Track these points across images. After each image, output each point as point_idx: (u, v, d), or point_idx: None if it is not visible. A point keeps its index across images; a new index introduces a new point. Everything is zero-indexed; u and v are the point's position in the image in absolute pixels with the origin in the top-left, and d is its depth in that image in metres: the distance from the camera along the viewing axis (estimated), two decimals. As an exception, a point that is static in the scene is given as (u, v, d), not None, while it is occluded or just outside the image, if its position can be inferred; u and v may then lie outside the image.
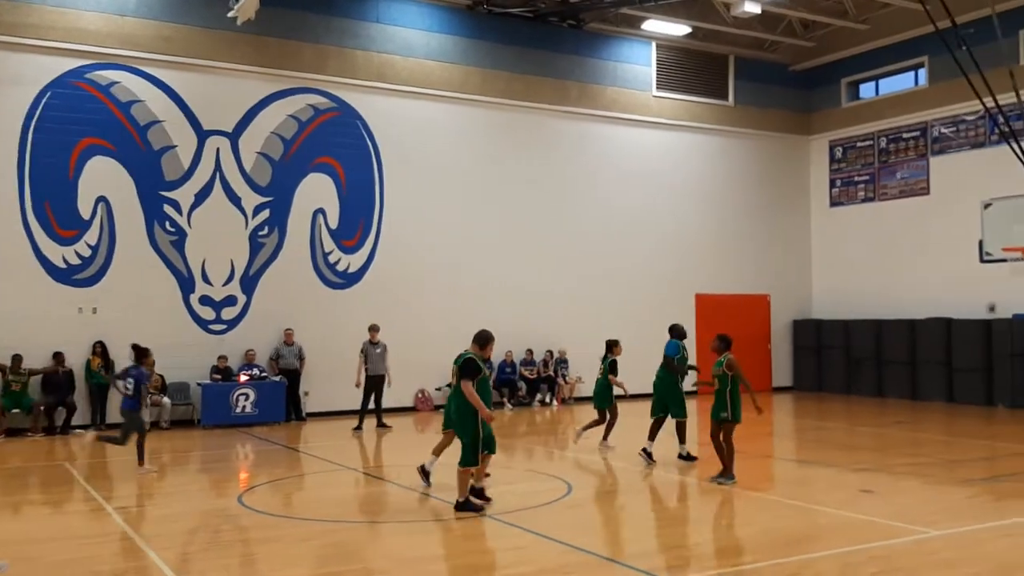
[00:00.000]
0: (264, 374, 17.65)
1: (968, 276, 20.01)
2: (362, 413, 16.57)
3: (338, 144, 19.01)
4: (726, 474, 10.79)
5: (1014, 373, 19.48)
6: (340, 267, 18.99)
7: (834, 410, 19.88)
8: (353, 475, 11.95)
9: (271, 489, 10.99)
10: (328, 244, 18.88)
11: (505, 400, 19.98)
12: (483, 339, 9.76)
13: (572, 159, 21.78)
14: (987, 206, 16.56)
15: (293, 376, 17.82)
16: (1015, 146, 16.54)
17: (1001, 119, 17.23)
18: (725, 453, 10.83)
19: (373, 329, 16.79)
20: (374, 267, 19.24)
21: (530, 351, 20.71)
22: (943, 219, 21.46)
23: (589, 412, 19.50)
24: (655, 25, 21.97)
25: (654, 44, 22.94)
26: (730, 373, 10.71)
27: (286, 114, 18.54)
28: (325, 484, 11.49)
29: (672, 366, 12.47)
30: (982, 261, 16.74)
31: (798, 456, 14.23)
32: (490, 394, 9.61)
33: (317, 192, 18.82)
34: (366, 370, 16.45)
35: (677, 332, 13.06)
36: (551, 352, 20.95)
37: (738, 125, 24.26)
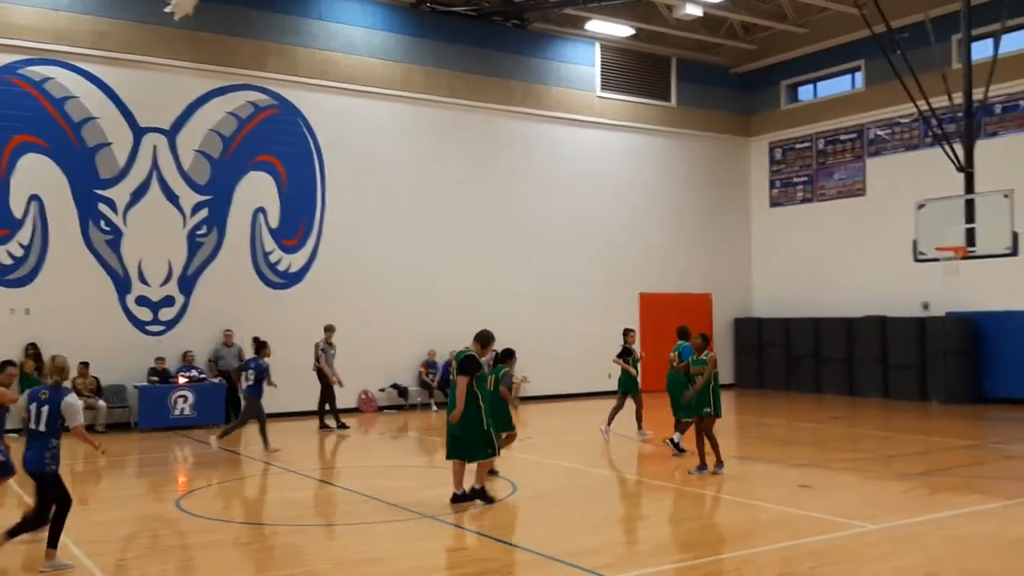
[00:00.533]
0: (203, 376, 17.33)
1: (903, 275, 20.48)
2: (335, 412, 16.58)
3: (279, 142, 18.74)
4: (711, 464, 11.21)
5: (947, 369, 20.00)
6: (281, 267, 18.72)
7: (774, 407, 20.19)
8: (294, 477, 11.78)
9: (210, 493, 10.79)
10: (269, 244, 18.60)
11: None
12: (485, 339, 9.88)
13: (517, 159, 21.80)
14: (921, 207, 16.93)
15: (232, 378, 17.51)
16: (947, 148, 16.98)
17: (934, 122, 17.66)
18: (709, 446, 11.21)
19: (330, 330, 16.65)
20: (316, 267, 19.02)
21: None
22: (879, 219, 21.95)
23: (537, 411, 19.59)
24: (598, 26, 22.09)
25: (598, 45, 23.07)
26: (713, 370, 11.11)
27: (225, 111, 18.22)
28: (266, 487, 11.31)
29: (688, 369, 12.14)
30: (916, 261, 17.10)
31: (739, 452, 14.38)
32: (488, 392, 9.73)
33: (257, 191, 18.53)
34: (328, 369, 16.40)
35: (686, 334, 13.24)
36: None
37: (681, 126, 24.52)
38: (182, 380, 16.88)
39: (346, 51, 19.54)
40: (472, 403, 9.38)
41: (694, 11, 20.59)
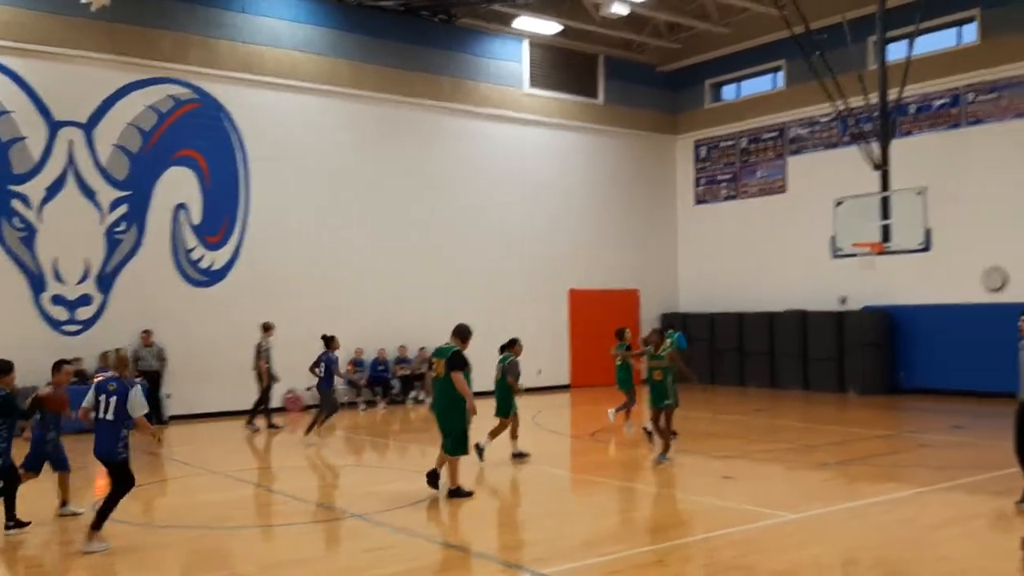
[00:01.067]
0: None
1: (822, 270, 21.04)
2: (261, 412, 16.26)
3: (201, 136, 18.32)
4: (666, 452, 11.68)
5: (864, 361, 20.62)
6: (203, 264, 18.32)
7: (699, 400, 20.52)
8: (218, 479, 11.55)
9: (131, 496, 10.48)
10: (191, 240, 18.18)
11: (378, 398, 19.74)
12: (465, 333, 10.03)
13: (446, 154, 21.72)
14: (838, 204, 17.41)
15: (153, 378, 17.04)
16: (864, 147, 17.50)
17: (852, 121, 18.18)
18: (667, 435, 11.73)
19: (270, 328, 16.33)
20: (240, 264, 18.65)
21: (403, 347, 20.52)
22: (799, 216, 22.50)
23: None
24: (526, 23, 22.15)
25: (526, 41, 23.13)
26: (671, 364, 11.74)
27: (144, 105, 17.74)
28: (189, 489, 11.06)
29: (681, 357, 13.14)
30: (834, 256, 17.61)
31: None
32: (471, 386, 9.88)
33: (179, 186, 18.09)
34: (268, 369, 16.08)
35: (671, 326, 13.78)
36: (424, 348, 20.79)
37: (608, 123, 24.75)
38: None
39: (271, 44, 19.21)
40: (458, 400, 9.54)
41: (620, 10, 20.79)
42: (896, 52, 18.94)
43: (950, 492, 9.90)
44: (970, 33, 20.01)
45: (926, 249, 16.24)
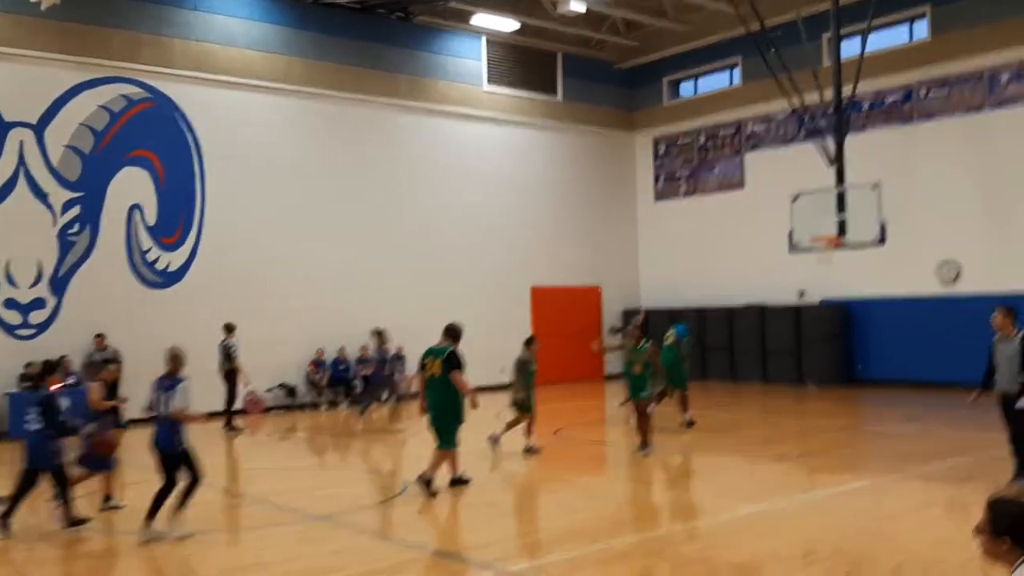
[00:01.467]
0: (78, 381, 16.53)
1: (780, 265, 21.26)
2: (229, 414, 16.15)
3: (155, 136, 18.03)
4: (644, 443, 11.99)
5: (821, 354, 20.90)
6: (159, 266, 18.04)
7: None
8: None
9: (87, 503, 10.31)
10: (146, 242, 17.90)
11: (341, 399, 19.59)
12: (457, 333, 10.34)
13: (405, 152, 21.61)
14: (795, 199, 17.63)
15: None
16: (819, 143, 17.73)
17: (807, 117, 18.41)
18: (646, 426, 12.08)
19: (233, 328, 16.16)
20: (197, 265, 18.40)
21: (365, 347, 20.37)
22: (757, 212, 22.73)
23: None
24: (484, 20, 22.11)
25: (484, 39, 23.09)
26: (651, 359, 12.26)
27: (97, 105, 17.41)
28: (147, 495, 10.86)
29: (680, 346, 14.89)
30: (792, 251, 17.83)
31: (627, 440, 14.67)
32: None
33: (133, 187, 17.79)
34: (233, 369, 15.87)
35: (679, 320, 16.09)
36: (386, 347, 20.64)
37: (567, 121, 24.81)
38: (55, 386, 16.04)
39: (224, 43, 18.96)
40: (455, 397, 9.81)
41: (577, 7, 20.83)
42: (850, 49, 19.19)
43: (906, 482, 10.07)
44: (921, 30, 20.35)
45: (881, 243, 16.50)
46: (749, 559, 7.25)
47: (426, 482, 9.63)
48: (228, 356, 15.98)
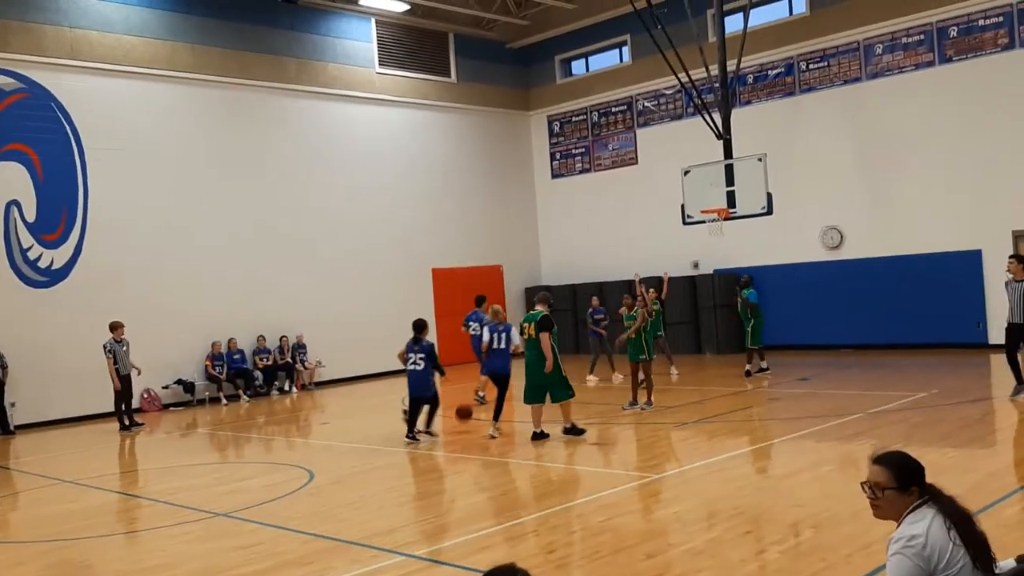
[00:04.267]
0: (-41, 388, 15.74)
1: (674, 237, 21.78)
2: (120, 414, 15.58)
3: (31, 129, 17.20)
4: (648, 401, 13.38)
5: (718, 323, 21.53)
6: (42, 263, 17.27)
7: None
8: (73, 488, 10.98)
9: (-27, 515, 9.86)
10: (26, 239, 17.10)
11: (241, 391, 19.19)
12: (549, 299, 11.88)
13: (296, 138, 21.20)
14: (686, 173, 18.04)
15: (-7, 387, 16.04)
16: (707, 117, 18.15)
17: (695, 92, 18.81)
18: (646, 385, 13.36)
19: (118, 327, 15.53)
20: (83, 261, 17.69)
21: (262, 338, 19.99)
22: (650, 186, 23.19)
23: (333, 395, 19.28)
24: (373, 1, 21.80)
25: (374, 20, 22.78)
26: (643, 324, 13.27)
27: (-36, 96, 16.52)
28: (41, 501, 10.46)
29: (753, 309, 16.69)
30: (685, 223, 18.27)
31: (530, 417, 14.83)
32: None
33: (9, 183, 16.96)
34: (116, 370, 15.26)
35: (749, 283, 17.29)
36: (286, 337, 20.34)
37: (462, 102, 24.74)
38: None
39: (101, 29, 18.18)
40: (553, 354, 11.16)
41: (467, -14, 20.75)
42: (733, 25, 19.68)
43: (800, 441, 10.48)
44: (800, 5, 21.02)
45: (768, 213, 17.05)
46: (655, 525, 7.45)
47: (571, 430, 11.38)
48: (116, 355, 15.43)
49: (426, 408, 12.34)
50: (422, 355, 12.02)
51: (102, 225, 17.91)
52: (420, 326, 12.32)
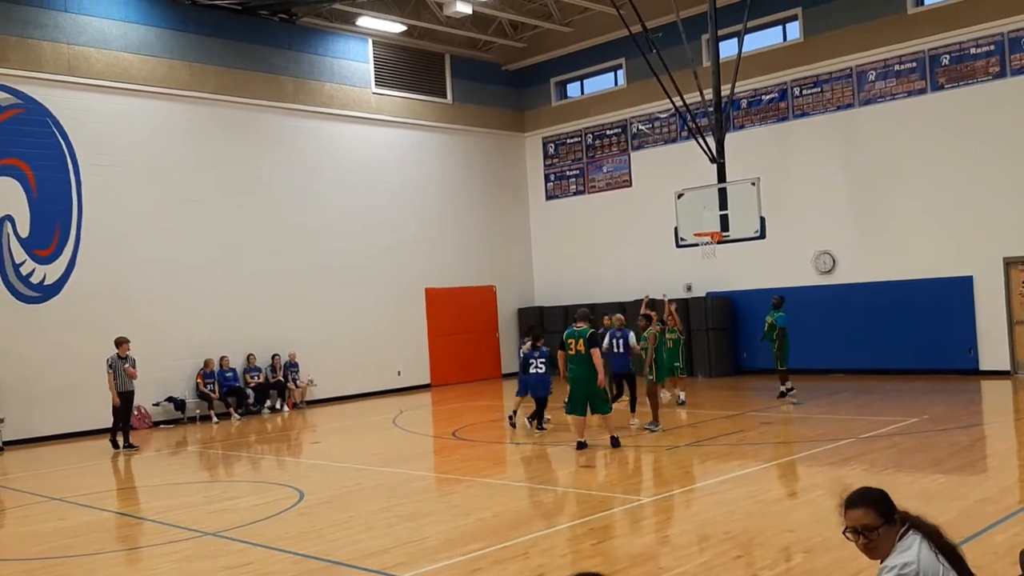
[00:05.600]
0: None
1: (667, 260, 21.86)
2: (114, 431, 15.29)
3: (26, 144, 17.19)
4: (653, 422, 13.58)
5: (710, 345, 21.55)
6: (35, 279, 17.21)
7: (556, 391, 20.87)
8: (62, 505, 10.91)
9: (-40, 532, 9.79)
10: (19, 254, 17.06)
11: (232, 410, 19.11)
12: (592, 317, 12.54)
13: (292, 157, 21.24)
14: (680, 196, 18.13)
15: (-16, 403, 15.94)
16: (701, 141, 18.26)
17: (689, 116, 18.93)
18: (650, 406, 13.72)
19: (123, 342, 15.33)
20: (75, 277, 17.62)
21: (252, 356, 19.92)
22: (644, 209, 23.28)
23: (324, 414, 19.22)
24: (370, 22, 21.94)
25: (371, 41, 22.90)
26: (654, 345, 13.82)
27: (-40, 111, 16.53)
28: (30, 518, 10.39)
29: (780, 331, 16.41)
30: (678, 246, 18.34)
31: (526, 438, 14.82)
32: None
33: (3, 198, 16.92)
34: (116, 386, 15.08)
35: (780, 304, 16.79)
36: (278, 356, 20.30)
37: (457, 122, 24.84)
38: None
39: (98, 46, 18.23)
40: (595, 371, 11.88)
41: (464, 8, 20.90)
42: (728, 50, 19.87)
43: (791, 466, 10.48)
44: (793, 31, 21.21)
45: (761, 237, 17.13)
46: (645, 549, 7.43)
47: (615, 440, 12.06)
48: (117, 370, 15.22)
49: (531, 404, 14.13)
50: (543, 360, 14.04)
51: (95, 241, 17.88)
52: (539, 334, 14.32)
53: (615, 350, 14.17)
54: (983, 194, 18.26)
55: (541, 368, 13.96)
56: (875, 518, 3.52)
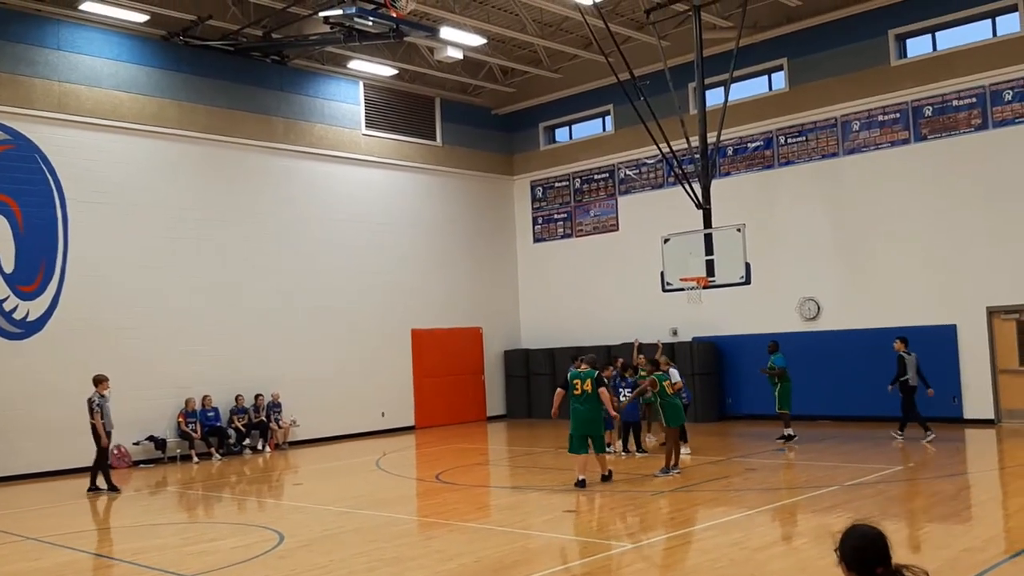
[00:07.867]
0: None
1: (653, 304, 21.92)
2: (97, 473, 14.85)
3: (13, 180, 17.18)
4: (668, 467, 13.49)
5: (695, 389, 21.50)
6: (18, 315, 17.10)
7: (542, 435, 20.82)
8: (36, 545, 10.73)
9: (-69, 572, 9.59)
10: (2, 290, 16.94)
11: (213, 450, 18.91)
12: (597, 362, 13.26)
13: (281, 196, 21.27)
14: (666, 241, 18.24)
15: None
16: (687, 187, 18.42)
17: (675, 162, 19.11)
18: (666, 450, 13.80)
19: (102, 380, 14.95)
20: (59, 314, 17.50)
21: (240, 397, 19.79)
22: (630, 253, 23.40)
23: (307, 456, 19.04)
24: (361, 65, 22.15)
25: (362, 83, 23.10)
26: (646, 389, 14.25)
27: (-52, 146, 16.52)
28: (4, 558, 10.20)
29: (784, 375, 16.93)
30: (664, 291, 18.41)
31: (510, 482, 14.72)
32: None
33: (-12, 233, 16.89)
34: (105, 425, 14.79)
35: (777, 348, 17.30)
36: (261, 396, 20.14)
37: (447, 165, 25.00)
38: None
39: (89, 84, 18.31)
40: (601, 410, 12.63)
41: (455, 54, 21.15)
42: (714, 98, 20.13)
43: (776, 513, 10.43)
44: (779, 81, 21.53)
45: (746, 282, 17.21)
46: (627, 596, 7.35)
47: (607, 477, 12.84)
48: (90, 411, 14.94)
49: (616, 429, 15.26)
50: (629, 389, 15.47)
51: (80, 278, 17.80)
52: (626, 364, 16.44)
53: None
54: (966, 243, 18.45)
55: (628, 395, 15.43)
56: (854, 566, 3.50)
